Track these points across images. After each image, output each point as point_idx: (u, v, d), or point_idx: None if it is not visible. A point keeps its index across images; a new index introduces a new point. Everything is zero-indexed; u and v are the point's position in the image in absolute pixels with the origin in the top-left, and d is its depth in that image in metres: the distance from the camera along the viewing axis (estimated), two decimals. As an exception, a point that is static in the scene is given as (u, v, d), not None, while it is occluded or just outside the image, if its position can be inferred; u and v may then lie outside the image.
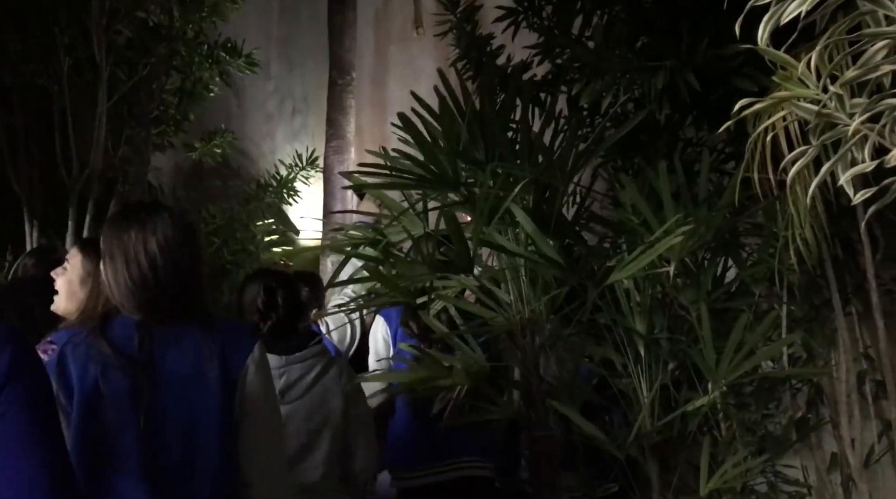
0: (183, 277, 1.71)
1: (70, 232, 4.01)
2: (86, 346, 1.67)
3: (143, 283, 1.70)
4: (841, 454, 2.76)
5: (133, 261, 1.70)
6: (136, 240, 1.70)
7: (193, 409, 1.66)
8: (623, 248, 2.59)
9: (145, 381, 1.65)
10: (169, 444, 1.65)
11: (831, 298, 2.72)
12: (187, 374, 1.67)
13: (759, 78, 2.21)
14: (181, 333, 1.70)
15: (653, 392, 2.45)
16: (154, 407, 1.64)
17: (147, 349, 1.67)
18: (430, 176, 2.21)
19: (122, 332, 1.69)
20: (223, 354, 1.69)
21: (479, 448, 2.80)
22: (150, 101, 4.35)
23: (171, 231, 1.72)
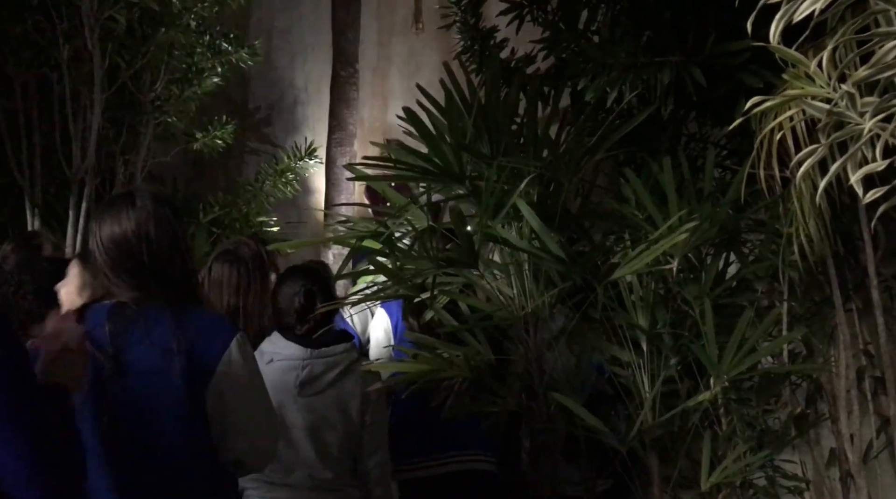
0: (151, 256, 1.71)
1: (71, 220, 4.00)
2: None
3: (118, 263, 1.71)
4: (840, 450, 2.77)
5: (103, 243, 1.72)
6: (106, 224, 1.72)
7: (156, 400, 1.67)
8: (627, 243, 2.60)
9: (112, 371, 1.65)
10: (131, 433, 1.66)
11: (832, 295, 2.73)
12: (153, 366, 1.67)
13: (765, 74, 2.21)
14: (154, 323, 1.69)
15: (656, 388, 2.46)
16: (118, 397, 1.65)
17: (117, 339, 1.67)
18: (436, 169, 2.21)
19: (96, 320, 1.70)
20: (193, 349, 1.68)
21: (481, 442, 2.81)
22: (151, 90, 4.34)
23: (142, 212, 1.72)
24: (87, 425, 1.63)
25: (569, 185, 2.24)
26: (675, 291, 2.59)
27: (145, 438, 1.67)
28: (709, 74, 2.28)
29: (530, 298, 2.49)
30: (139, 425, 1.67)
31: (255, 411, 1.77)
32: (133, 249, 1.71)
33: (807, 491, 2.84)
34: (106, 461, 1.64)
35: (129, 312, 1.70)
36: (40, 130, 4.15)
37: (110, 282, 1.74)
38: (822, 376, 2.83)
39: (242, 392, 1.73)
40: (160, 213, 1.74)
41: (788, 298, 2.79)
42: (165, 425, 1.67)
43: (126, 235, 1.71)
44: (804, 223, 2.10)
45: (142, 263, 1.71)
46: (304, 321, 2.39)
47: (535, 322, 2.53)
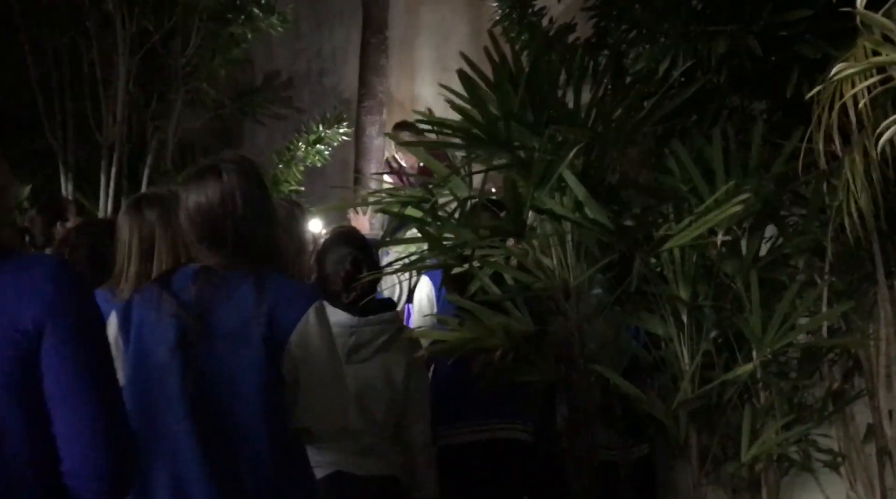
0: (235, 223, 1.75)
1: (102, 185, 4.02)
2: (150, 294, 1.76)
3: (203, 232, 1.77)
4: (877, 425, 2.77)
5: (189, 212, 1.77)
6: (192, 194, 1.77)
7: (236, 364, 1.71)
8: (670, 215, 2.59)
9: (196, 331, 1.71)
10: (212, 393, 1.71)
11: (874, 271, 2.72)
12: (234, 329, 1.72)
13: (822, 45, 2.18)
14: (237, 287, 1.74)
15: (696, 361, 2.47)
16: (201, 356, 1.71)
17: (202, 301, 1.72)
18: (486, 137, 2.20)
19: (182, 282, 1.76)
20: (274, 314, 1.72)
21: (519, 411, 2.82)
22: (182, 56, 4.33)
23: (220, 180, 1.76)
24: (173, 382, 1.70)
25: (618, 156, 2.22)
26: (716, 265, 2.59)
27: (225, 397, 1.72)
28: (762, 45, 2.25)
29: (572, 269, 2.48)
30: (220, 384, 1.72)
31: (326, 379, 1.80)
32: (218, 219, 1.75)
33: (842, 466, 2.85)
34: (191, 417, 1.69)
35: (214, 276, 1.75)
36: (72, 96, 4.15)
37: (195, 248, 1.79)
38: (859, 352, 2.83)
39: (315, 360, 1.76)
40: (245, 184, 1.77)
41: (829, 273, 2.78)
42: (243, 385, 1.71)
43: (212, 206, 1.75)
44: (856, 197, 2.08)
45: (226, 232, 1.75)
46: (351, 289, 2.40)
47: (576, 293, 2.53)
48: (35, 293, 1.24)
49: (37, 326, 1.23)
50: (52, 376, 1.24)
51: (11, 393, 1.22)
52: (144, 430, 1.68)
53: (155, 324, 1.73)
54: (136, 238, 2.16)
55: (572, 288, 2.52)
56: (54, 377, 1.24)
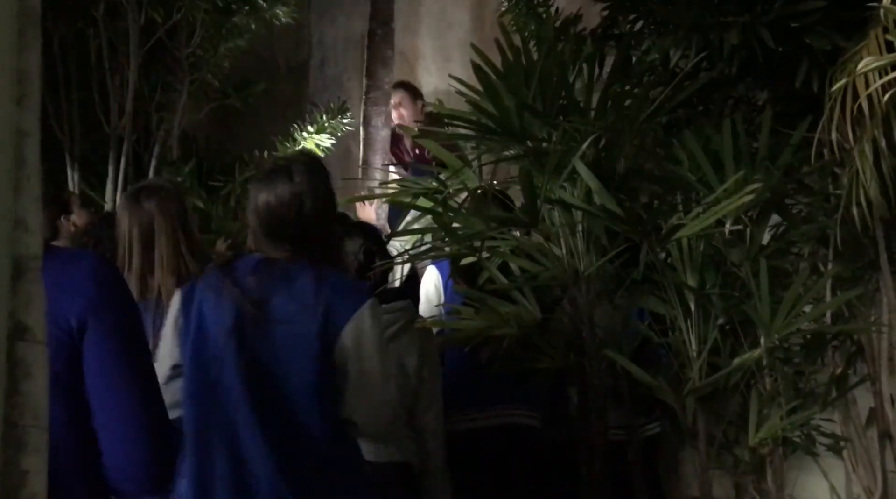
0: (302, 219, 1.84)
1: (110, 176, 4.03)
2: (212, 278, 1.84)
3: (270, 228, 1.85)
4: (879, 410, 2.83)
5: (258, 210, 1.86)
6: (262, 194, 1.86)
7: (291, 350, 1.79)
8: (679, 205, 2.63)
9: (254, 316, 1.77)
10: (268, 376, 1.78)
11: (877, 258, 2.77)
12: (290, 318, 1.79)
13: (834, 36, 2.22)
14: (296, 278, 1.82)
15: (706, 349, 2.51)
16: (255, 341, 1.78)
17: (262, 289, 1.79)
18: (499, 128, 2.23)
19: (244, 269, 1.84)
20: (330, 306, 1.79)
21: (526, 397, 2.86)
22: (187, 46, 4.33)
23: (291, 178, 1.85)
24: (229, 363, 1.77)
25: (630, 146, 2.25)
26: (723, 253, 2.63)
27: (280, 380, 1.78)
28: (773, 35, 2.28)
29: (583, 258, 2.52)
30: (275, 367, 1.79)
31: (374, 377, 1.86)
32: (285, 218, 1.84)
33: (844, 449, 2.90)
34: (248, 397, 1.76)
35: (275, 267, 1.83)
36: (78, 86, 4.15)
37: (258, 240, 1.87)
38: (862, 337, 2.88)
39: (365, 355, 1.83)
40: (315, 186, 1.87)
41: (833, 260, 2.82)
42: (298, 370, 1.79)
43: (281, 206, 1.84)
44: (866, 186, 2.12)
45: (291, 229, 1.84)
46: (365, 279, 2.43)
47: (586, 282, 2.57)
48: (77, 291, 1.28)
49: (80, 324, 1.27)
50: (94, 371, 1.28)
51: (55, 388, 1.25)
52: (205, 407, 1.79)
53: (214, 307, 1.81)
54: (136, 229, 2.20)
55: (582, 276, 2.56)
56: (97, 372, 1.28)
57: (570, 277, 2.60)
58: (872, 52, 1.83)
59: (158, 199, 2.21)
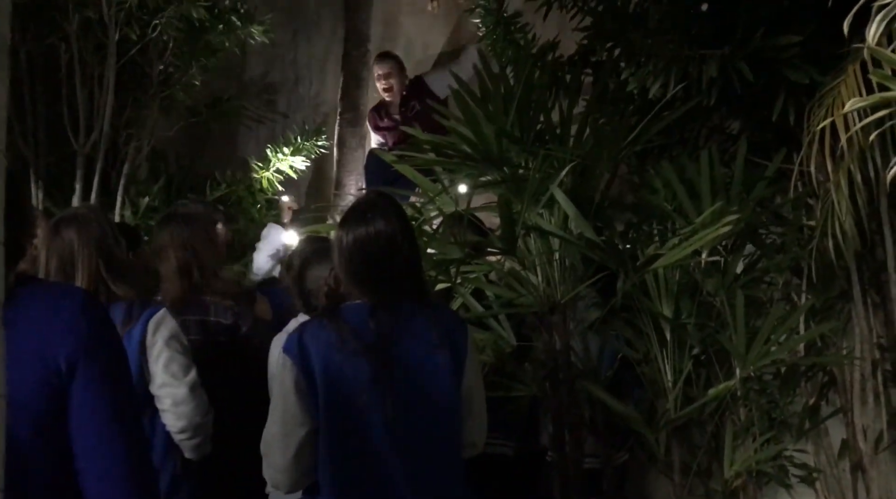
0: (399, 260, 1.83)
1: (77, 194, 3.94)
2: (326, 333, 1.78)
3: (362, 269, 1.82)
4: (851, 441, 2.83)
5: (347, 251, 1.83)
6: (349, 234, 1.83)
7: (429, 391, 1.79)
8: (654, 234, 2.63)
9: (387, 365, 1.76)
10: (415, 425, 1.77)
11: (850, 289, 2.79)
12: (421, 359, 1.80)
13: (811, 71, 2.24)
14: (410, 318, 1.82)
15: (681, 379, 2.50)
16: (397, 390, 1.76)
17: (385, 335, 1.78)
18: (477, 154, 2.21)
19: (357, 318, 1.80)
20: (451, 342, 1.81)
21: (500, 426, 2.82)
22: (158, 63, 4.27)
23: (383, 221, 1.83)
24: (375, 417, 1.75)
25: (609, 174, 2.25)
26: (700, 283, 2.63)
27: (422, 424, 1.78)
28: (751, 68, 2.30)
29: (560, 286, 2.50)
30: (416, 412, 1.78)
31: (484, 396, 1.94)
32: (384, 257, 1.82)
33: (817, 481, 2.90)
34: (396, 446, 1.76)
35: (392, 311, 1.81)
36: (45, 101, 4.06)
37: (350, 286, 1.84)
38: (834, 368, 2.90)
39: (479, 379, 1.90)
40: (405, 224, 1.88)
41: (806, 290, 2.84)
42: (437, 411, 1.80)
43: (379, 246, 1.82)
44: (841, 218, 2.13)
45: (391, 268, 1.82)
46: (334, 299, 2.37)
47: (562, 310, 2.55)
48: (68, 329, 1.21)
49: (69, 365, 1.20)
50: (83, 413, 1.21)
51: (37, 429, 1.18)
52: (354, 463, 1.76)
53: (343, 364, 1.76)
54: (55, 260, 2.18)
55: (559, 304, 2.54)
56: (86, 415, 1.21)
57: (547, 306, 2.58)
58: (850, 87, 1.84)
59: (77, 227, 2.17)
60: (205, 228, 2.68)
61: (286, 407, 1.78)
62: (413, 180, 2.65)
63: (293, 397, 1.76)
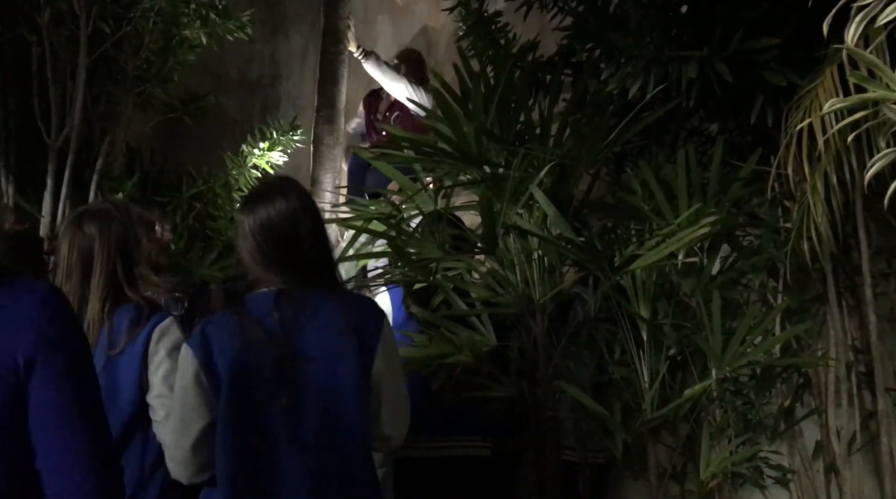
0: (305, 238, 1.79)
1: (49, 190, 3.86)
2: (229, 323, 1.74)
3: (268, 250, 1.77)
4: (825, 443, 2.85)
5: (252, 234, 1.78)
6: (254, 216, 1.79)
7: (334, 381, 1.74)
8: (632, 234, 2.63)
9: (289, 356, 1.71)
10: (314, 415, 1.72)
11: (825, 291, 2.81)
12: (327, 347, 1.74)
13: (788, 73, 2.25)
14: (318, 306, 1.77)
15: (657, 381, 2.50)
16: (299, 381, 1.71)
17: (288, 325, 1.73)
18: (457, 153, 2.20)
19: (262, 307, 1.75)
20: (360, 331, 1.77)
21: (478, 426, 2.81)
22: (134, 58, 4.20)
23: (284, 199, 1.79)
24: (273, 410, 1.70)
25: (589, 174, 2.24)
26: (676, 284, 2.63)
27: (327, 416, 1.73)
28: (730, 70, 2.30)
29: (539, 286, 2.49)
30: (320, 404, 1.72)
31: (402, 388, 1.87)
32: (287, 235, 1.77)
33: (791, 482, 2.92)
34: (295, 446, 1.71)
35: (296, 299, 1.76)
36: (16, 95, 3.98)
37: (260, 272, 1.79)
38: (809, 370, 2.92)
39: (394, 369, 1.84)
40: (309, 203, 1.83)
41: (782, 292, 2.86)
42: (344, 402, 1.74)
43: (282, 222, 1.77)
44: (816, 221, 2.14)
45: (295, 250, 1.78)
46: None
47: (542, 310, 2.54)
48: (27, 325, 1.17)
49: (27, 362, 1.16)
50: (42, 409, 1.17)
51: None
52: (249, 455, 1.71)
53: (244, 354, 1.72)
54: (77, 255, 2.11)
55: (537, 304, 2.53)
56: (45, 411, 1.18)
57: (525, 305, 2.57)
58: (828, 89, 1.85)
59: (100, 223, 2.11)
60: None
61: (185, 399, 1.75)
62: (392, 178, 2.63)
63: (192, 389, 1.73)
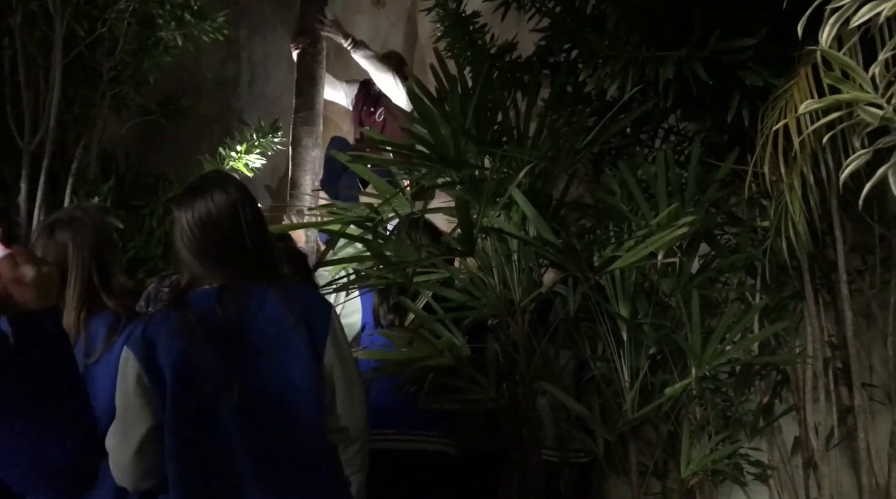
0: (245, 230, 1.75)
1: (24, 194, 3.81)
2: (171, 322, 1.69)
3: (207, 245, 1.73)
4: (804, 438, 2.88)
5: (190, 229, 1.74)
6: (192, 211, 1.74)
7: (285, 375, 1.70)
8: (611, 235, 2.63)
9: (236, 352, 1.67)
10: (266, 413, 1.68)
11: (802, 289, 2.83)
12: (276, 341, 1.71)
13: (764, 73, 2.26)
14: (263, 299, 1.73)
15: (638, 381, 2.51)
16: (247, 376, 1.67)
17: (232, 320, 1.69)
18: (435, 155, 2.19)
19: (204, 304, 1.71)
20: (308, 322, 1.73)
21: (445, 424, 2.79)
22: (109, 60, 4.15)
23: (222, 192, 1.76)
24: (224, 407, 1.66)
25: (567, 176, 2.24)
26: (655, 283, 2.64)
27: (277, 411, 1.69)
28: (707, 70, 2.31)
29: (518, 288, 2.49)
30: (271, 398, 1.68)
31: (355, 380, 1.83)
32: (227, 228, 1.74)
33: (771, 478, 2.95)
34: (245, 444, 1.66)
35: (239, 293, 1.72)
36: (-13, 97, 3.92)
37: (197, 268, 1.75)
38: (787, 367, 2.94)
39: (346, 361, 1.80)
40: (247, 194, 1.79)
41: (760, 290, 2.88)
42: (295, 395, 1.70)
43: (221, 215, 1.74)
44: (794, 220, 2.16)
45: (236, 243, 1.74)
46: None
47: (521, 312, 2.54)
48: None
49: None
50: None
51: None
52: (200, 459, 1.66)
53: (188, 353, 1.67)
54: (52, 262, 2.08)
55: (517, 306, 2.53)
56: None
57: (504, 307, 2.57)
58: (802, 89, 1.86)
59: (72, 230, 2.08)
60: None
61: (127, 403, 1.70)
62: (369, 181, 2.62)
63: (134, 392, 1.69)
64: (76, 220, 2.11)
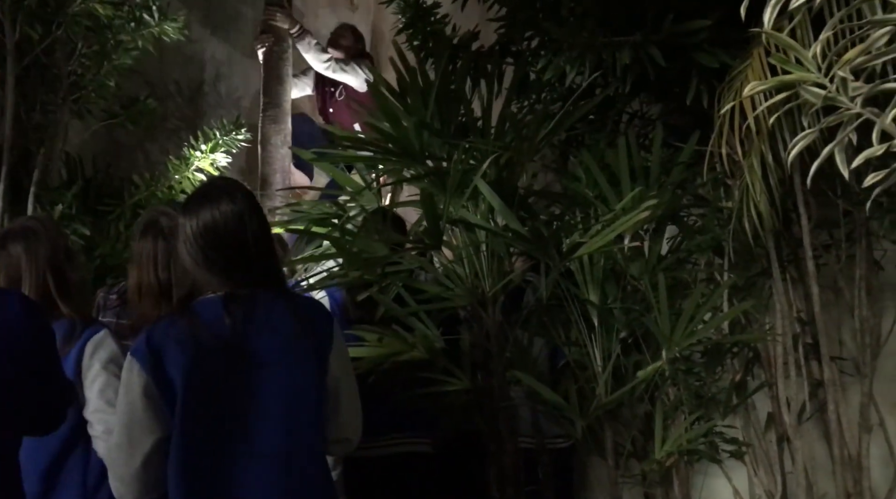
0: (251, 240, 1.73)
1: (-15, 202, 3.75)
2: (178, 331, 1.67)
3: (213, 254, 1.71)
4: (777, 413, 2.92)
5: (195, 237, 1.71)
6: (197, 219, 1.72)
7: (294, 387, 1.70)
8: (578, 221, 2.64)
9: (245, 362, 1.67)
10: (275, 423, 1.68)
11: (770, 267, 2.86)
12: (284, 352, 1.70)
13: (720, 55, 2.28)
14: (269, 309, 1.72)
15: (610, 364, 2.52)
16: (258, 388, 1.67)
17: (240, 329, 1.68)
18: (398, 149, 2.18)
19: (211, 312, 1.69)
20: (314, 332, 1.74)
21: (419, 423, 2.79)
22: (67, 64, 4.08)
23: (229, 200, 1.74)
24: (236, 415, 1.66)
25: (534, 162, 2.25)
26: (623, 267, 2.66)
27: (285, 419, 1.68)
28: (664, 54, 2.32)
29: (489, 278, 2.49)
30: (279, 407, 1.68)
31: (355, 389, 1.85)
32: (234, 238, 1.72)
33: (746, 454, 2.98)
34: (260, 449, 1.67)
35: (246, 303, 1.70)
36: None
37: (202, 276, 1.72)
38: (758, 344, 2.97)
39: (348, 371, 1.82)
40: (256, 206, 1.77)
41: (728, 270, 2.91)
42: (302, 404, 1.70)
43: (230, 229, 1.71)
44: (756, 199, 2.18)
45: (241, 253, 1.72)
46: None
47: (492, 302, 2.54)
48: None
49: None
50: None
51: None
52: (206, 470, 1.65)
53: (196, 363, 1.65)
54: (3, 275, 2.09)
55: (488, 296, 2.53)
56: None
57: (476, 298, 2.57)
58: (756, 70, 1.88)
59: (25, 242, 2.07)
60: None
61: (133, 414, 1.67)
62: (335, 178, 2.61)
63: (141, 403, 1.66)
64: (29, 230, 2.10)
